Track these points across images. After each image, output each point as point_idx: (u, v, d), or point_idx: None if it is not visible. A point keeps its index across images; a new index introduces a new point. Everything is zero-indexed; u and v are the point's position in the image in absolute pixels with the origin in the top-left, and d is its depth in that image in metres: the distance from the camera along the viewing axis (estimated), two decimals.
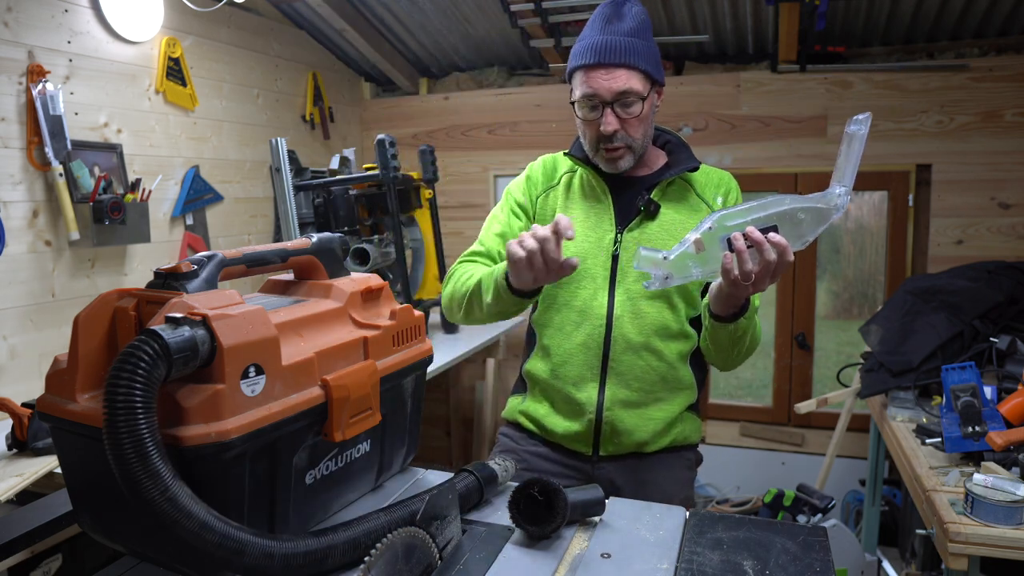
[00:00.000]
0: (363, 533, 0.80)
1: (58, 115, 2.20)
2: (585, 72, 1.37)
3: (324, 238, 1.00)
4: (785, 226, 1.14)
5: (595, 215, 1.45)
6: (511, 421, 1.57)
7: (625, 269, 1.41)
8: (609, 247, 1.43)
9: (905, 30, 2.97)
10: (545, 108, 3.54)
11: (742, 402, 3.47)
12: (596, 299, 1.42)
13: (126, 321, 0.78)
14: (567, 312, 1.44)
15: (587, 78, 1.37)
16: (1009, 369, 1.83)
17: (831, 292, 3.44)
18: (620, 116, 1.37)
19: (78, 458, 0.80)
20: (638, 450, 1.44)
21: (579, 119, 1.42)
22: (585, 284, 1.43)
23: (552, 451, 1.49)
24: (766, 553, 0.85)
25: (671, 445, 1.46)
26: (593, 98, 1.36)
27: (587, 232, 1.44)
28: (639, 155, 1.43)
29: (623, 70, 1.35)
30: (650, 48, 1.39)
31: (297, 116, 3.42)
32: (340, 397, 0.84)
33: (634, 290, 1.41)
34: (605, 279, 1.42)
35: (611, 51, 1.35)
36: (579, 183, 1.50)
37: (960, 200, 2.96)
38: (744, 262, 1.12)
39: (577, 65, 1.39)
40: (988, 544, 1.32)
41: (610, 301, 1.41)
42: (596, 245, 1.43)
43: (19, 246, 2.16)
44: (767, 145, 3.19)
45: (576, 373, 1.43)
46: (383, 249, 2.90)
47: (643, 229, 1.43)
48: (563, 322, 1.44)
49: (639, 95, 1.36)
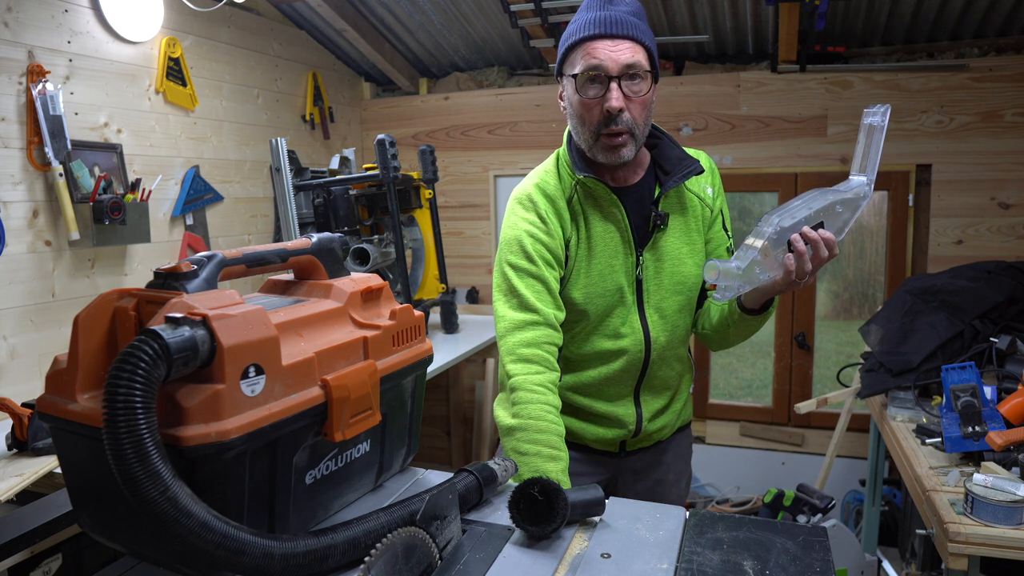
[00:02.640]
0: (363, 533, 0.80)
1: (58, 115, 2.20)
2: (587, 44, 1.25)
3: (324, 238, 1.00)
4: (828, 220, 1.16)
5: (612, 239, 1.36)
6: None
7: (649, 288, 1.38)
8: (633, 271, 1.38)
9: (905, 30, 2.97)
10: (545, 108, 3.54)
11: (742, 402, 3.47)
12: (629, 324, 1.38)
13: (126, 321, 0.78)
14: (600, 341, 1.39)
15: (591, 49, 1.24)
16: (1009, 369, 1.83)
17: (831, 292, 3.44)
18: (625, 94, 1.25)
19: (78, 458, 0.80)
20: (659, 439, 1.52)
21: (577, 101, 1.28)
22: (617, 312, 1.38)
23: (578, 452, 1.48)
24: (766, 553, 0.85)
25: (679, 428, 1.56)
26: (598, 70, 1.24)
27: (610, 260, 1.36)
28: (639, 147, 1.33)
29: (629, 42, 1.25)
30: (650, 32, 1.31)
31: (297, 116, 3.42)
32: (340, 397, 0.84)
33: (663, 306, 1.39)
34: (633, 303, 1.39)
35: (616, 23, 1.25)
36: (585, 201, 1.37)
37: (960, 200, 2.96)
38: (805, 262, 1.13)
39: (577, 39, 1.27)
40: (988, 544, 1.32)
41: (643, 323, 1.39)
42: (621, 272, 1.37)
43: (19, 246, 2.16)
44: (767, 145, 3.19)
45: (613, 391, 1.44)
46: (383, 249, 2.90)
47: (660, 244, 1.38)
48: (600, 352, 1.40)
49: (646, 71, 1.26)
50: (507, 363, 1.30)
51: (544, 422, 1.24)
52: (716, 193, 1.45)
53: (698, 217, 1.42)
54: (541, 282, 1.33)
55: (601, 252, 1.36)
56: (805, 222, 1.14)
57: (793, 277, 1.15)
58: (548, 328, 1.31)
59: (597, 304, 1.37)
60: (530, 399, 1.25)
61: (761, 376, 3.53)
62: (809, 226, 1.14)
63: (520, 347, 1.29)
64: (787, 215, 1.14)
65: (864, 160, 1.18)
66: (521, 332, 1.30)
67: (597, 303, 1.36)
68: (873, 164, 1.18)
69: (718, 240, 1.45)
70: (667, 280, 1.39)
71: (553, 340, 1.31)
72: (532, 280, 1.32)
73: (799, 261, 1.13)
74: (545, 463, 1.22)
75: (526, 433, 1.23)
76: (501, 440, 1.30)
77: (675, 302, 1.40)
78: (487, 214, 3.73)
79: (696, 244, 1.42)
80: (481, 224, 3.75)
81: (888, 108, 1.17)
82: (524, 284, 1.32)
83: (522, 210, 1.37)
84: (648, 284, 1.38)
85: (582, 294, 1.36)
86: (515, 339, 1.30)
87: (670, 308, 1.39)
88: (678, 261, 1.39)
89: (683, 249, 1.40)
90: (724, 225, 1.46)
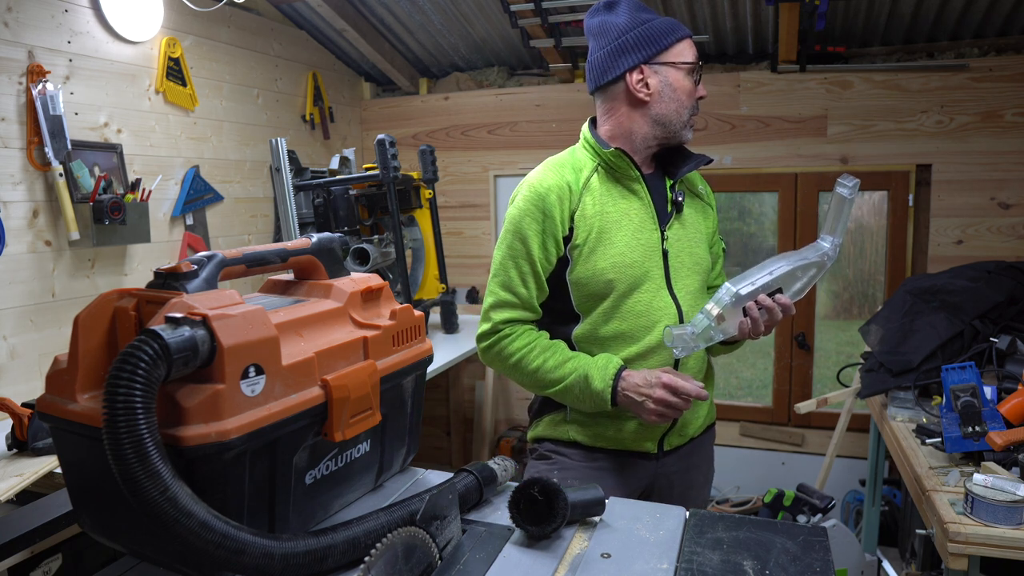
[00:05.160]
0: (363, 533, 0.80)
1: (58, 115, 2.20)
2: (688, 41, 1.43)
3: (324, 238, 1.00)
4: (787, 284, 1.33)
5: (636, 215, 1.42)
6: (563, 440, 1.48)
7: (674, 264, 1.44)
8: (659, 246, 1.43)
9: (905, 30, 2.97)
10: (545, 108, 3.54)
11: (742, 402, 3.47)
12: (660, 299, 1.41)
13: (126, 321, 0.78)
14: (632, 319, 1.40)
15: (690, 44, 1.43)
16: (1009, 369, 1.83)
17: (831, 292, 3.44)
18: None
19: (78, 458, 0.80)
20: (693, 437, 1.52)
21: (688, 86, 1.43)
22: (645, 287, 1.41)
23: (616, 459, 1.46)
24: (766, 553, 0.85)
25: (709, 423, 1.58)
26: (696, 63, 1.43)
27: (636, 234, 1.41)
28: None
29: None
30: None
31: (297, 116, 3.42)
32: (340, 397, 0.84)
33: (689, 284, 1.46)
34: (662, 278, 1.42)
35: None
36: (607, 180, 1.44)
37: (960, 200, 2.96)
38: (758, 326, 1.31)
39: (683, 34, 1.43)
40: (988, 544, 1.32)
41: (674, 299, 1.43)
42: (648, 246, 1.42)
43: (19, 246, 2.16)
44: (767, 145, 3.19)
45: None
46: (383, 249, 2.90)
47: (681, 224, 1.47)
48: (632, 329, 1.41)
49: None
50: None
51: (532, 345, 1.41)
52: (707, 192, 1.60)
53: (703, 212, 1.55)
54: (536, 277, 1.43)
55: (627, 225, 1.41)
56: (763, 289, 1.30)
57: (747, 337, 1.34)
58: (528, 311, 1.44)
59: (626, 274, 1.39)
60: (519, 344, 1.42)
61: (761, 376, 3.53)
62: (768, 292, 1.30)
63: (504, 322, 1.44)
64: (747, 283, 1.30)
65: (834, 224, 1.34)
66: (506, 314, 1.44)
67: (626, 273, 1.39)
68: (842, 229, 1.34)
69: (716, 251, 1.59)
70: (687, 259, 1.46)
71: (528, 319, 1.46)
72: (529, 274, 1.43)
73: (753, 325, 1.31)
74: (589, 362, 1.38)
75: (521, 357, 1.40)
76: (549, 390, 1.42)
77: (696, 281, 1.47)
78: (487, 214, 3.73)
79: (705, 234, 1.53)
80: (481, 224, 3.74)
81: (858, 182, 1.32)
82: (512, 277, 1.43)
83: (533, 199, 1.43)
84: (673, 260, 1.44)
85: (610, 263, 1.38)
86: (500, 321, 1.44)
87: (693, 286, 1.46)
88: (696, 243, 1.48)
89: (697, 235, 1.50)
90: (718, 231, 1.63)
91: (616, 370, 1.35)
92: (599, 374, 1.35)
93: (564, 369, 1.38)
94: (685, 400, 1.31)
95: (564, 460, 1.48)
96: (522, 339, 1.41)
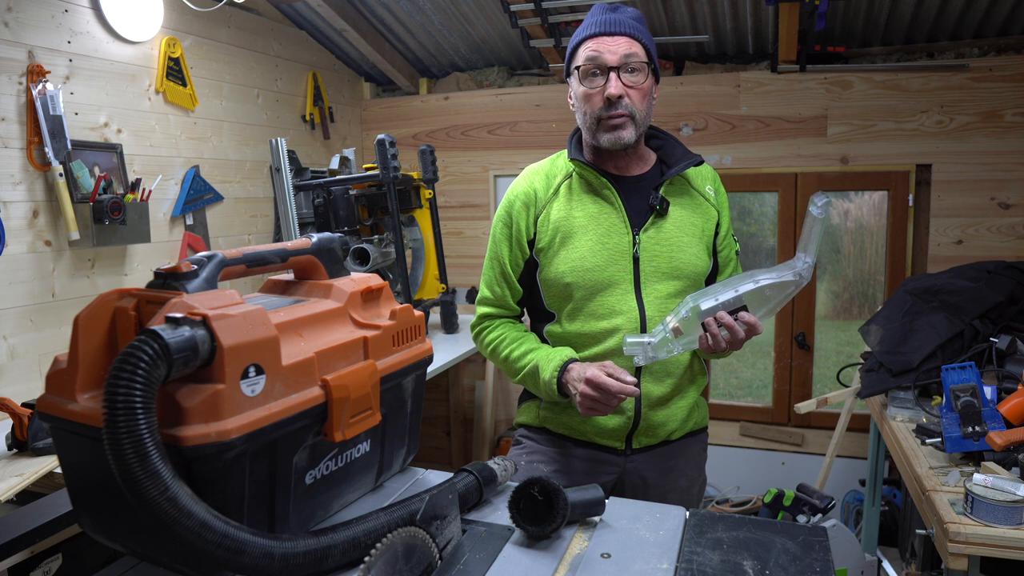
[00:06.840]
0: (363, 533, 0.80)
1: (58, 115, 2.20)
2: (589, 41, 1.38)
3: (324, 238, 1.00)
4: (754, 302, 1.30)
5: (606, 219, 1.43)
6: (534, 426, 1.55)
7: (645, 269, 1.42)
8: (628, 250, 1.42)
9: (905, 30, 2.97)
10: (545, 108, 3.54)
11: (742, 402, 3.47)
12: (625, 303, 1.41)
13: (126, 321, 0.78)
14: (595, 322, 1.42)
15: (592, 44, 1.38)
16: (1009, 369, 1.83)
17: (831, 292, 3.44)
18: (625, 83, 1.36)
19: (78, 458, 0.80)
20: (667, 439, 1.50)
21: (581, 92, 1.39)
22: (611, 291, 1.41)
23: (584, 449, 1.49)
24: (766, 553, 0.85)
25: (691, 430, 1.54)
26: (596, 60, 1.36)
27: (602, 239, 1.42)
28: (640, 132, 1.41)
29: (627, 39, 1.38)
30: (649, 35, 1.43)
31: (297, 116, 3.42)
32: (340, 397, 0.84)
33: (660, 290, 1.43)
34: (630, 283, 1.42)
35: (617, 24, 1.38)
36: (579, 186, 1.46)
37: (960, 200, 2.96)
38: (718, 343, 1.29)
39: (582, 37, 1.40)
40: (988, 544, 1.32)
41: (639, 304, 1.42)
42: (615, 251, 1.42)
43: (19, 246, 2.16)
44: (767, 145, 3.19)
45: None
46: (383, 249, 2.90)
47: (659, 228, 1.44)
48: (594, 331, 1.43)
49: (643, 63, 1.38)
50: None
51: (503, 337, 1.50)
52: (718, 193, 1.54)
53: (703, 215, 1.49)
54: (506, 279, 1.51)
55: (593, 230, 1.42)
56: (724, 306, 1.28)
57: (709, 352, 1.33)
58: (504, 308, 1.53)
59: (585, 278, 1.41)
60: (494, 336, 1.52)
61: (761, 376, 3.53)
62: (730, 310, 1.28)
63: (483, 317, 1.55)
64: (709, 298, 1.29)
65: (807, 242, 1.33)
66: (486, 310, 1.55)
67: (585, 277, 1.41)
68: (815, 248, 1.32)
69: (728, 253, 1.55)
70: (664, 264, 1.43)
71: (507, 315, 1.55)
72: (501, 275, 1.51)
73: (713, 341, 1.29)
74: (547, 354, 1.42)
75: (498, 349, 1.49)
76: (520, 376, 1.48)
77: (672, 287, 1.44)
78: (487, 214, 3.73)
79: (698, 238, 1.47)
80: (481, 224, 3.75)
81: (829, 200, 1.33)
82: (491, 278, 1.53)
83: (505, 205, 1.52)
84: (645, 265, 1.42)
85: (569, 267, 1.42)
86: (482, 316, 1.56)
87: (666, 291, 1.43)
88: (677, 248, 1.44)
89: (684, 239, 1.45)
90: (731, 233, 1.57)
91: (562, 362, 1.39)
92: (547, 365, 1.40)
93: (525, 360, 1.45)
94: (608, 396, 1.29)
95: (533, 444, 1.54)
96: (496, 332, 1.52)
